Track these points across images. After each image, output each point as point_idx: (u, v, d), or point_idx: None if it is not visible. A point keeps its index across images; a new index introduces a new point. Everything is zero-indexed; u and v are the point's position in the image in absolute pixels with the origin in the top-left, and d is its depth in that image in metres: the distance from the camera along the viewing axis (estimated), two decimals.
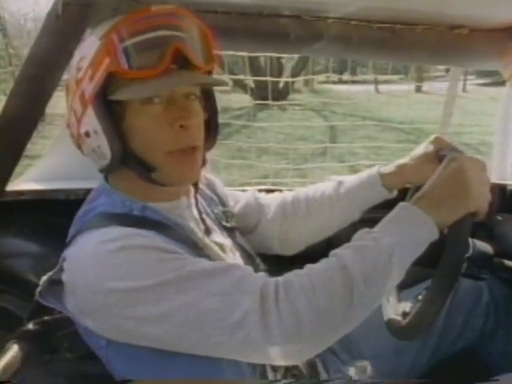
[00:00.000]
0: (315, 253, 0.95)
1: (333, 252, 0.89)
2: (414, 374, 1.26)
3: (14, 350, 0.94)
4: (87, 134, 0.92)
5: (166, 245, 0.87)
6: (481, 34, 1.48)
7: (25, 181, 1.52)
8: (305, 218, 1.21)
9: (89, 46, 0.91)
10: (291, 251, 1.26)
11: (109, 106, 0.89)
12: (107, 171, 0.96)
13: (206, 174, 1.19)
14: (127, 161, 0.92)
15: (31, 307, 0.99)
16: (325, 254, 0.90)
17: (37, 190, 1.47)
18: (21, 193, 1.43)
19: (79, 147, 0.98)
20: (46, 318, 0.99)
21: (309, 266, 0.88)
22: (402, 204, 0.93)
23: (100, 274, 0.82)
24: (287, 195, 1.25)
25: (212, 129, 1.03)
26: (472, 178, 0.91)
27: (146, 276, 0.81)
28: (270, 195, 1.28)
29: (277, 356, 0.83)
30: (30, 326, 0.99)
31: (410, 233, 0.89)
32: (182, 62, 0.90)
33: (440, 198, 0.92)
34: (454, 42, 1.48)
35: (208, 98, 1.02)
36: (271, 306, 0.80)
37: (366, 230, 0.91)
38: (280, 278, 0.86)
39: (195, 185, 1.06)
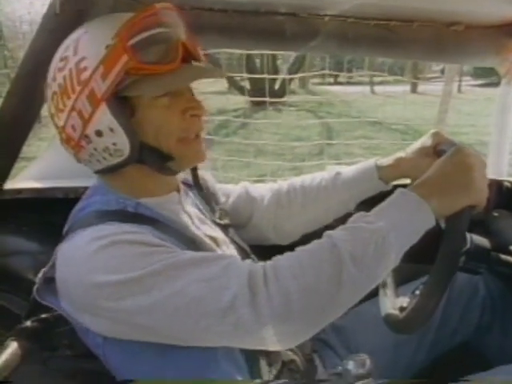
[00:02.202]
0: (311, 241, 0.95)
1: (326, 233, 0.89)
2: (412, 369, 1.27)
3: (12, 348, 0.94)
4: (99, 134, 0.90)
5: (157, 240, 0.88)
6: (477, 30, 1.49)
7: (23, 179, 1.51)
8: (301, 209, 1.21)
9: (89, 45, 0.90)
10: (287, 241, 1.25)
11: (120, 102, 0.90)
12: (120, 167, 0.95)
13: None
14: (143, 154, 0.93)
15: (29, 305, 0.98)
16: None
17: (35, 188, 1.47)
18: (19, 191, 1.43)
19: (77, 151, 0.95)
20: (44, 315, 0.98)
21: (300, 248, 0.88)
22: (400, 190, 0.93)
23: (91, 268, 0.83)
24: (283, 185, 1.24)
25: None
26: (476, 172, 0.92)
27: (136, 268, 0.81)
28: (264, 186, 1.28)
29: (269, 339, 0.83)
30: (28, 323, 0.98)
31: (405, 218, 0.88)
32: (188, 57, 0.95)
33: (442, 186, 0.91)
34: (450, 39, 1.48)
35: None
36: (260, 287, 0.81)
37: (362, 213, 0.91)
38: (268, 261, 0.86)
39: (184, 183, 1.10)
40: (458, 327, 1.30)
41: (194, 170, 1.12)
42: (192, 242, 0.96)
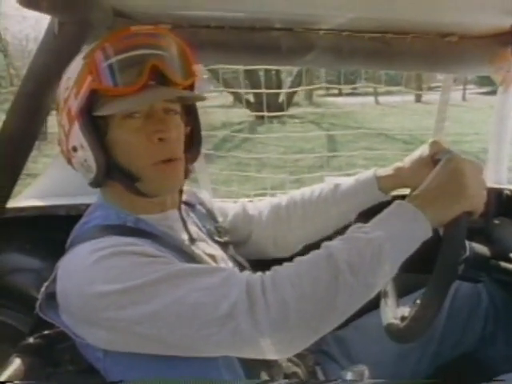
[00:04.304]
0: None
1: (323, 244, 0.90)
2: (414, 379, 1.26)
3: (16, 364, 0.95)
4: (74, 149, 0.96)
5: (157, 252, 0.89)
6: (470, 40, 1.50)
7: (25, 197, 1.53)
8: (301, 222, 1.22)
9: (75, 66, 0.95)
10: (288, 253, 1.25)
11: (94, 121, 0.93)
12: (95, 184, 0.99)
13: (197, 191, 1.22)
14: (112, 173, 0.95)
15: (32, 321, 0.99)
16: None
17: (37, 206, 1.48)
18: (21, 209, 1.45)
19: (69, 162, 1.01)
20: (47, 331, 0.99)
21: (298, 258, 0.89)
22: (397, 201, 0.94)
23: (91, 279, 0.84)
24: (282, 199, 1.25)
25: (195, 142, 1.07)
26: (469, 178, 0.93)
27: (136, 277, 0.83)
28: (263, 202, 1.28)
29: (267, 347, 0.83)
30: (32, 339, 0.99)
31: (402, 228, 0.89)
32: (161, 78, 0.94)
33: (435, 195, 0.92)
34: (444, 50, 1.50)
35: (189, 113, 1.06)
36: (258, 295, 0.81)
37: (359, 224, 0.92)
38: (267, 271, 0.87)
39: (180, 195, 1.08)
40: (461, 338, 1.29)
41: (180, 190, 1.10)
42: (190, 258, 0.97)
